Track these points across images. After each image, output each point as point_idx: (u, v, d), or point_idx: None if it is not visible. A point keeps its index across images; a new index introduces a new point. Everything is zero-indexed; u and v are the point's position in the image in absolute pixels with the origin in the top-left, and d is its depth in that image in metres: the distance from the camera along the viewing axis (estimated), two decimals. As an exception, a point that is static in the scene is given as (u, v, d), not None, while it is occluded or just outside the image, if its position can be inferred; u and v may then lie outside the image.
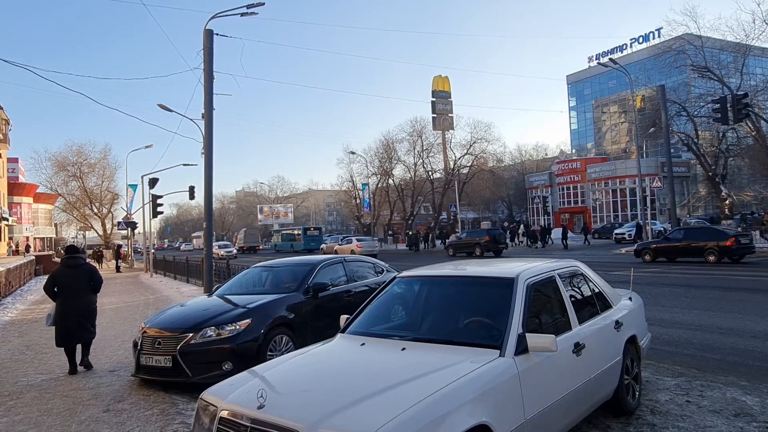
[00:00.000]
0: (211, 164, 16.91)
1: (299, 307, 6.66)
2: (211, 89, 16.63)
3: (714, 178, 30.24)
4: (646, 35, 60.64)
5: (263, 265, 8.19)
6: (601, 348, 4.28)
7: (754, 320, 8.74)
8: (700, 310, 9.94)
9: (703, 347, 7.29)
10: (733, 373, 6.00)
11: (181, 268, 22.82)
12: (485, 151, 55.00)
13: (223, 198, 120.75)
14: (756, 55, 30.28)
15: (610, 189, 57.32)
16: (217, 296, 7.38)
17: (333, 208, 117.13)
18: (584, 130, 79.02)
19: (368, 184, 55.92)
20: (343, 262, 7.86)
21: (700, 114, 30.66)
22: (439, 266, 4.93)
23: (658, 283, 14.29)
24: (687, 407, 4.85)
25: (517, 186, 73.75)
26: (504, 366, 3.18)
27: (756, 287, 12.89)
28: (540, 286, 3.97)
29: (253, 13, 16.99)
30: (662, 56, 32.12)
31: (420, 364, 3.18)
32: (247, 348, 5.80)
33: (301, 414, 2.71)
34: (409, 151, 56.10)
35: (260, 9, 16.53)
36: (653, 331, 8.14)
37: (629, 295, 5.44)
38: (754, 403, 4.84)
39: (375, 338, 3.77)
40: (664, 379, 5.72)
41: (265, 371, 3.44)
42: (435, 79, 65.36)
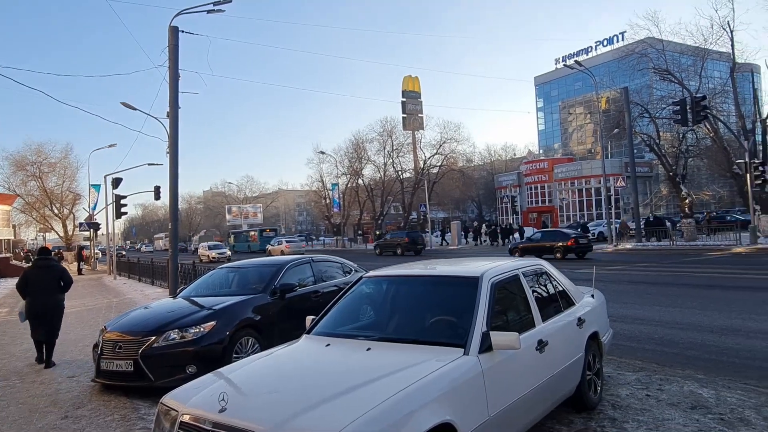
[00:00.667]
0: (176, 164, 16.57)
1: (266, 308, 6.58)
2: (176, 87, 16.27)
3: (674, 178, 31.16)
4: (610, 38, 62.11)
5: (230, 266, 8.08)
6: (564, 345, 4.35)
7: (711, 315, 9.03)
8: (662, 306, 10.21)
9: (663, 342, 7.50)
10: (690, 366, 6.18)
11: (146, 270, 22.33)
12: (455, 151, 55.60)
13: (190, 198, 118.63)
14: (714, 59, 31.27)
15: (576, 188, 58.53)
16: (182, 298, 7.25)
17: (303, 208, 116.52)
18: (551, 130, 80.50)
19: (338, 184, 55.81)
20: (311, 262, 7.80)
21: (661, 115, 31.54)
22: (407, 266, 4.94)
23: (621, 281, 14.64)
24: (647, 401, 4.97)
25: (487, 186, 74.61)
26: (468, 364, 3.20)
27: (714, 284, 13.32)
28: (504, 284, 4.02)
29: (220, 11, 16.69)
30: (626, 59, 32.95)
31: (385, 363, 3.17)
32: (211, 350, 5.70)
33: (264, 416, 2.68)
34: (379, 150, 56.32)
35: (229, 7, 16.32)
36: (616, 327, 8.36)
37: (592, 293, 5.54)
38: (709, 396, 5.00)
39: (341, 339, 3.76)
40: (625, 374, 5.85)
41: (229, 374, 3.38)
42: (405, 79, 65.67)
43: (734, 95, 28.68)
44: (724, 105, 31.17)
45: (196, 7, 16.87)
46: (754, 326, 8.00)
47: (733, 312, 9.17)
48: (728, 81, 29.10)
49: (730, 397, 4.93)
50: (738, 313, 9.03)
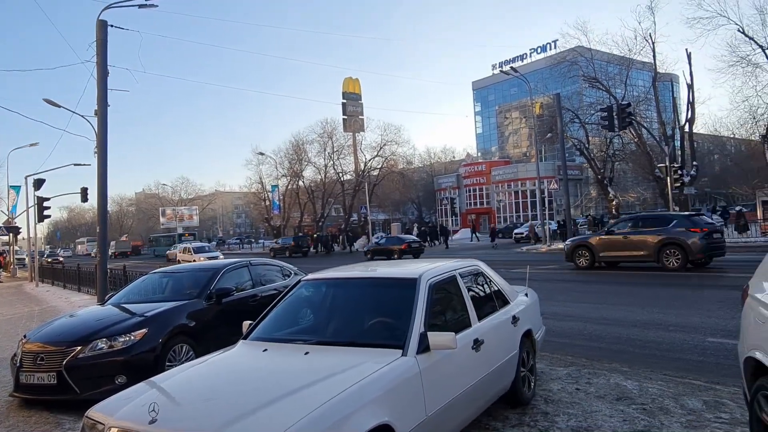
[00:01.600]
0: (105, 164, 15.81)
1: (201, 314, 6.38)
2: (104, 84, 15.52)
3: (603, 181, 32.83)
4: (543, 46, 64.68)
5: (163, 270, 7.79)
6: (499, 343, 4.47)
7: (635, 311, 9.55)
8: (590, 303, 10.73)
9: (592, 337, 7.87)
10: (616, 360, 6.52)
11: (72, 276, 21.13)
12: (395, 153, 56.06)
13: (121, 200, 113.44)
14: (638, 68, 33.16)
15: (512, 191, 60.45)
16: (111, 305, 6.91)
17: (242, 210, 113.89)
18: (489, 134, 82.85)
19: (278, 186, 55.06)
20: (248, 265, 7.64)
21: (590, 121, 33.13)
22: (346, 268, 4.94)
23: (553, 280, 15.23)
24: (576, 394, 5.19)
25: (426, 187, 75.68)
26: (406, 365, 3.23)
27: (638, 281, 14.11)
28: (442, 285, 4.09)
29: (152, 5, 16.08)
30: (558, 66, 34.36)
31: (322, 367, 3.15)
32: (143, 359, 5.47)
33: (198, 425, 2.61)
34: (319, 152, 55.99)
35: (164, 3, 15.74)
36: (549, 325, 8.68)
37: (525, 292, 5.73)
38: (633, 387, 5.29)
39: (278, 343, 3.70)
40: (557, 369, 6.09)
41: (160, 382, 3.26)
42: (345, 81, 65.60)
43: (656, 103, 30.55)
44: (647, 112, 33.11)
45: (125, 1, 16.21)
46: (672, 320, 8.53)
47: (655, 307, 9.74)
48: (651, 90, 30.94)
49: (652, 388, 5.23)
50: (659, 308, 9.60)
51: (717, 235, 15.84)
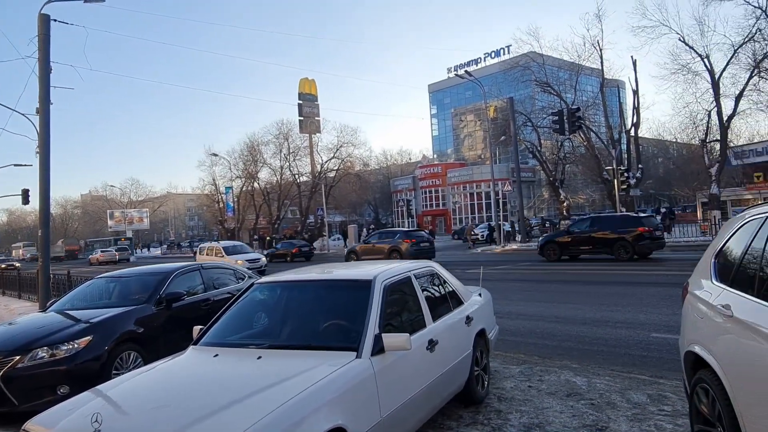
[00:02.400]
0: (48, 165, 15.13)
1: (150, 319, 6.18)
2: (47, 81, 14.85)
3: (554, 183, 33.76)
4: (498, 50, 65.98)
5: (110, 275, 7.49)
6: (453, 343, 4.52)
7: (585, 309, 9.85)
8: (543, 302, 10.99)
9: (544, 336, 8.07)
10: (567, 357, 6.70)
11: (11, 282, 20.09)
12: (351, 155, 56.01)
13: (66, 203, 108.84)
14: (587, 74, 34.30)
15: (468, 192, 61.41)
16: (54, 312, 6.60)
17: (194, 212, 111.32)
18: (444, 136, 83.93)
19: (232, 188, 54.05)
20: (200, 269, 7.46)
21: (542, 125, 34.02)
22: (302, 270, 4.89)
23: (507, 279, 15.54)
24: (528, 392, 5.31)
25: (383, 189, 75.96)
26: (360, 367, 3.21)
27: (587, 280, 14.57)
28: (397, 286, 4.09)
29: (99, 0, 15.54)
30: (511, 71, 35.13)
31: (275, 371, 3.10)
32: (87, 368, 5.24)
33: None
34: (275, 153, 55.37)
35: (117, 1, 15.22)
36: (503, 324, 8.85)
37: (479, 292, 5.81)
38: (582, 383, 5.44)
39: (230, 348, 3.62)
40: (510, 368, 6.20)
41: (105, 391, 3.13)
42: (302, 82, 65.04)
43: (603, 108, 31.65)
44: (595, 116, 34.26)
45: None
46: (619, 317, 8.85)
47: (603, 305, 10.08)
48: (599, 95, 32.04)
49: (600, 383, 5.40)
50: (607, 306, 9.94)
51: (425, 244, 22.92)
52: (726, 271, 3.41)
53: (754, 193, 32.95)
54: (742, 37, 26.35)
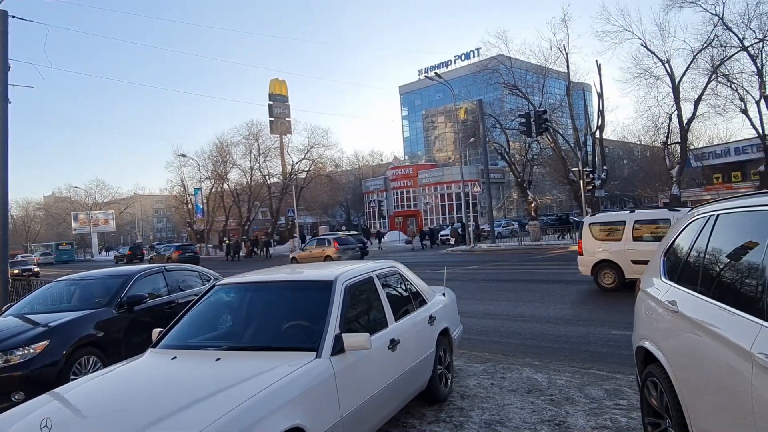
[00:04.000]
0: (6, 165, 14.66)
1: (111, 323, 6.07)
2: (5, 79, 14.37)
3: (522, 184, 34.27)
4: (467, 53, 66.53)
5: (69, 278, 7.33)
6: (416, 342, 4.57)
7: (549, 307, 10.06)
8: (508, 301, 11.16)
9: (508, 334, 8.21)
10: (530, 354, 6.84)
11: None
12: (323, 156, 55.72)
13: (28, 204, 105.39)
14: (554, 77, 34.91)
15: (438, 193, 61.81)
16: (10, 316, 6.43)
17: (162, 214, 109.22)
18: (416, 138, 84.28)
19: (201, 189, 53.25)
20: (163, 271, 7.34)
21: (511, 126, 34.50)
22: (265, 271, 4.87)
23: (475, 279, 15.73)
24: (491, 389, 5.40)
25: (355, 190, 75.85)
26: (320, 368, 3.23)
27: (551, 278, 14.85)
28: (358, 287, 4.12)
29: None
30: (480, 73, 35.54)
31: (234, 373, 3.10)
32: (44, 374, 5.13)
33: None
34: (245, 154, 54.67)
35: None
36: (469, 323, 8.97)
37: (443, 291, 5.88)
38: (543, 380, 5.56)
39: (188, 350, 3.60)
40: (474, 366, 6.30)
41: (59, 395, 3.08)
42: (272, 82, 64.43)
43: (570, 110, 32.29)
44: (562, 119, 34.93)
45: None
46: (581, 315, 9.07)
47: (566, 303, 10.30)
48: (565, 98, 32.66)
49: (560, 380, 5.53)
50: (569, 305, 10.17)
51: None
52: (673, 268, 3.55)
53: (712, 194, 34.07)
54: (701, 43, 27.28)
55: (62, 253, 64.25)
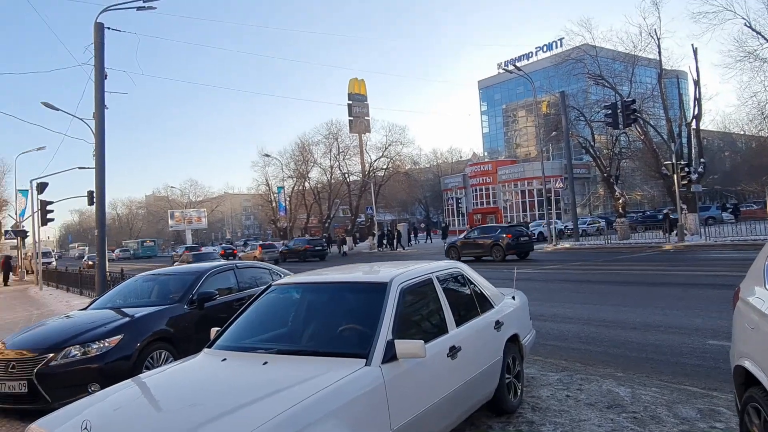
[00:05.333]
0: (103, 167, 15.80)
1: (182, 319, 6.22)
2: (102, 87, 15.49)
3: (609, 179, 32.34)
4: (549, 44, 63.94)
5: (148, 274, 7.63)
6: (479, 349, 4.26)
7: (636, 312, 9.28)
8: (591, 304, 10.44)
9: (589, 341, 7.62)
10: (612, 365, 6.28)
11: (74, 280, 21.15)
12: (400, 153, 55.89)
13: (131, 203, 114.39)
14: (643, 65, 32.60)
15: (519, 190, 60.00)
16: (93, 309, 6.79)
17: (250, 212, 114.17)
18: (495, 133, 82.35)
19: (284, 188, 54.98)
20: (234, 269, 7.48)
21: (596, 119, 32.67)
22: (322, 271, 4.75)
23: (556, 280, 14.95)
24: (566, 402, 4.97)
25: (434, 188, 75.45)
26: (369, 376, 3.03)
27: (641, 281, 13.82)
28: (415, 289, 3.88)
29: (151, 8, 16.04)
30: (563, 64, 33.96)
31: (278, 379, 2.97)
32: (117, 367, 5.31)
33: None
34: (325, 153, 55.91)
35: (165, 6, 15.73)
36: (546, 327, 8.48)
37: (513, 294, 5.50)
38: (625, 394, 5.05)
39: (239, 352, 3.52)
40: (548, 375, 5.86)
41: (106, 396, 3.08)
42: (351, 82, 65.38)
43: (662, 100, 30.02)
44: (653, 109, 32.54)
45: (123, 4, 16.15)
46: (673, 322, 8.25)
47: (656, 308, 9.46)
48: (657, 86, 30.44)
49: (645, 395, 4.99)
50: (660, 309, 9.32)
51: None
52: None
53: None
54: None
55: (146, 249, 71.37)
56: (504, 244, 23.10)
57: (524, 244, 23.88)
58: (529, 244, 24.59)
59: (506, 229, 24.81)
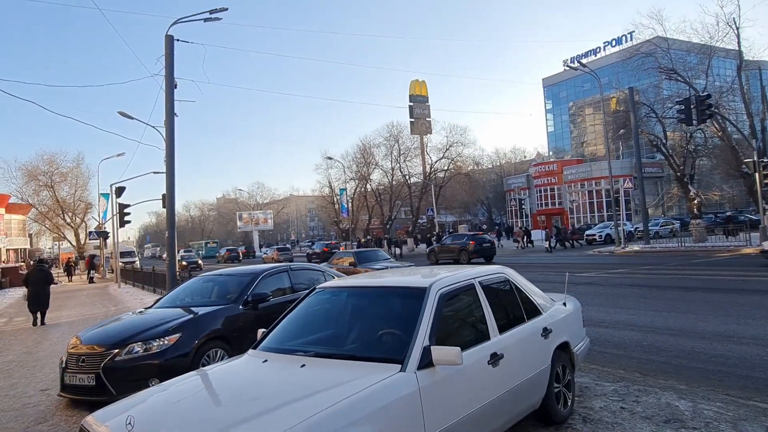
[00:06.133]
0: (173, 172, 16.69)
1: (237, 319, 6.46)
2: (172, 96, 16.35)
3: (683, 179, 30.62)
4: (618, 38, 61.46)
5: (207, 275, 7.98)
6: (525, 357, 4.16)
7: (707, 320, 8.75)
8: (657, 311, 9.92)
9: (651, 350, 7.24)
10: (674, 376, 5.94)
11: (148, 278, 22.40)
12: (461, 154, 55.43)
13: (203, 205, 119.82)
14: (720, 56, 30.65)
15: (586, 190, 57.92)
16: (157, 308, 7.16)
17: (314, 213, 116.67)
18: (561, 132, 79.93)
19: (346, 189, 55.79)
20: (288, 271, 7.68)
21: (668, 115, 31.05)
22: (366, 275, 4.80)
23: (622, 284, 14.31)
24: (620, 414, 4.76)
25: (496, 189, 74.17)
26: (403, 382, 3.02)
27: (715, 287, 12.98)
28: (456, 295, 3.84)
29: (217, 19, 16.76)
30: (631, 59, 32.51)
31: (313, 382, 3.02)
32: (176, 364, 5.57)
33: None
34: (386, 155, 56.26)
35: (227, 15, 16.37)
36: (606, 334, 8.16)
37: (563, 300, 5.33)
38: (686, 408, 4.77)
39: (280, 354, 3.61)
40: (603, 385, 5.62)
41: (153, 394, 3.26)
42: (412, 84, 65.46)
43: (741, 93, 28.10)
44: (732, 103, 30.53)
45: (192, 16, 16.95)
46: (747, 332, 7.71)
47: (730, 316, 8.87)
48: (736, 79, 28.54)
49: (708, 410, 4.70)
50: (734, 318, 8.73)
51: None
52: None
53: None
54: None
55: (210, 250, 75.02)
56: (469, 249, 27.55)
57: (486, 249, 28.05)
58: (492, 249, 28.56)
59: (472, 237, 29.89)
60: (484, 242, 28.66)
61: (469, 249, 27.43)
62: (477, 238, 28.96)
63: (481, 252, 27.36)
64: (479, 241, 28.49)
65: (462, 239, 29.50)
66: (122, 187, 29.21)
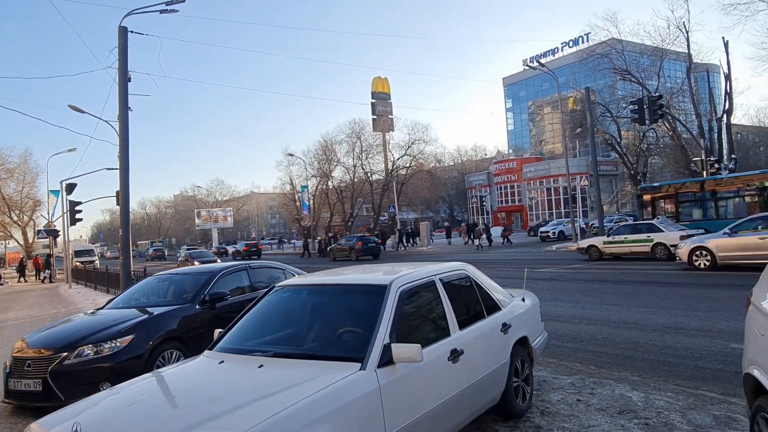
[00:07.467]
0: (127, 168, 16.15)
1: (194, 319, 6.29)
2: (125, 89, 15.83)
3: (636, 176, 31.68)
4: (576, 39, 62.90)
5: (162, 274, 7.75)
6: (485, 353, 4.19)
7: (658, 313, 9.05)
8: (611, 305, 10.21)
9: (606, 342, 7.44)
10: (627, 368, 6.12)
11: (101, 278, 21.64)
12: (423, 151, 55.63)
13: (160, 203, 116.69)
14: (671, 58, 31.84)
15: (544, 188, 59.24)
16: (109, 309, 6.91)
17: (275, 211, 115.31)
18: (520, 130, 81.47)
19: (307, 187, 55.34)
20: (247, 269, 7.53)
21: (622, 115, 32.03)
22: (327, 272, 4.73)
23: (578, 280, 14.67)
24: (576, 406, 4.86)
25: (458, 186, 75.05)
26: (363, 380, 2.99)
27: (664, 281, 13.47)
28: (416, 292, 3.83)
29: (173, 11, 16.29)
30: (588, 60, 33.36)
31: (271, 382, 2.96)
32: (129, 366, 5.38)
33: None
34: (348, 152, 56.04)
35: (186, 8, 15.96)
36: (563, 328, 8.33)
37: (522, 296, 5.40)
38: (639, 399, 4.91)
39: (236, 355, 3.52)
40: (560, 378, 5.74)
41: (104, 398, 3.12)
42: (375, 81, 65.29)
43: (690, 94, 29.29)
44: (682, 104, 31.77)
45: (147, 7, 16.43)
46: (695, 324, 8.02)
47: (679, 309, 9.21)
48: (685, 81, 29.69)
49: (659, 400, 4.85)
50: (683, 311, 9.07)
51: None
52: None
53: None
54: None
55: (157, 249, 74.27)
56: (357, 248, 32.87)
57: (372, 248, 33.66)
58: (377, 248, 34.36)
59: (360, 238, 35.82)
60: (370, 242, 34.74)
61: (357, 248, 32.93)
62: (364, 239, 35.39)
63: (368, 251, 32.98)
64: (366, 241, 34.74)
65: (352, 240, 35.63)
66: (73, 184, 28.11)
